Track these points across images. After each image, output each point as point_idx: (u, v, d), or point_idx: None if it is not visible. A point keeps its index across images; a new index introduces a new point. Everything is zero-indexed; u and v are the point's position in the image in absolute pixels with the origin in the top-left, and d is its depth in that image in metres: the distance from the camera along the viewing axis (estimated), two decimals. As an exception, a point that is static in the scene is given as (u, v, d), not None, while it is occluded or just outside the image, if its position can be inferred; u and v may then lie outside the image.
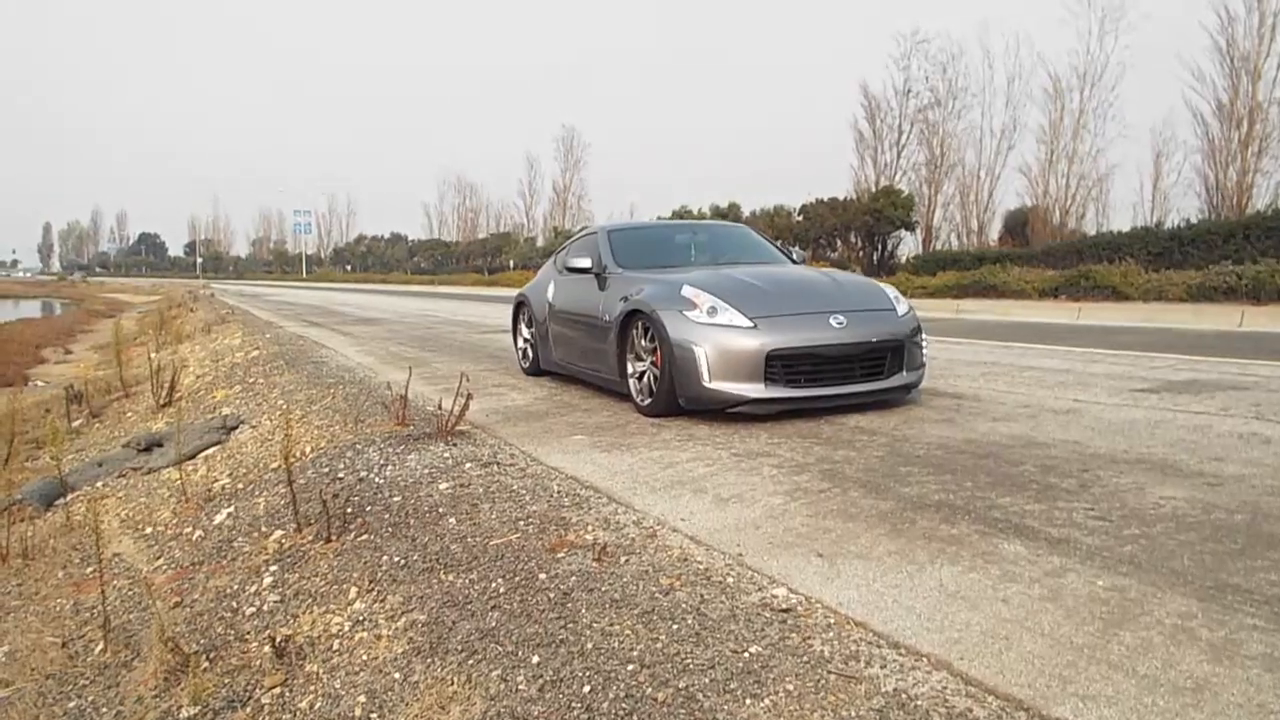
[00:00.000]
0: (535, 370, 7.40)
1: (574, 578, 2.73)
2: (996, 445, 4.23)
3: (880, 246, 34.21)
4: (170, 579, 3.81)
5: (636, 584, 2.63)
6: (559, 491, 3.71)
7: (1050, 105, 32.61)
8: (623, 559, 2.85)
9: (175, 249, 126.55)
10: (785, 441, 4.47)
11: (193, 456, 6.20)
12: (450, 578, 2.93)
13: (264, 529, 4.03)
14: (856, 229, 34.29)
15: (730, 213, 37.75)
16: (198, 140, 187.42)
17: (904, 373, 5.24)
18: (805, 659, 2.11)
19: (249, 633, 3.07)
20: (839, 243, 34.65)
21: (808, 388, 4.96)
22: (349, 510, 3.84)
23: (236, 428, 6.59)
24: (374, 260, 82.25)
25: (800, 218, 35.67)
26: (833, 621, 2.32)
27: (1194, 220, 25.10)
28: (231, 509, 4.50)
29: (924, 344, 5.46)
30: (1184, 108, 34.74)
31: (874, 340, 5.09)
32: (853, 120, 36.76)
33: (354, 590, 3.09)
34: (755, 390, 4.85)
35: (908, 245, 35.31)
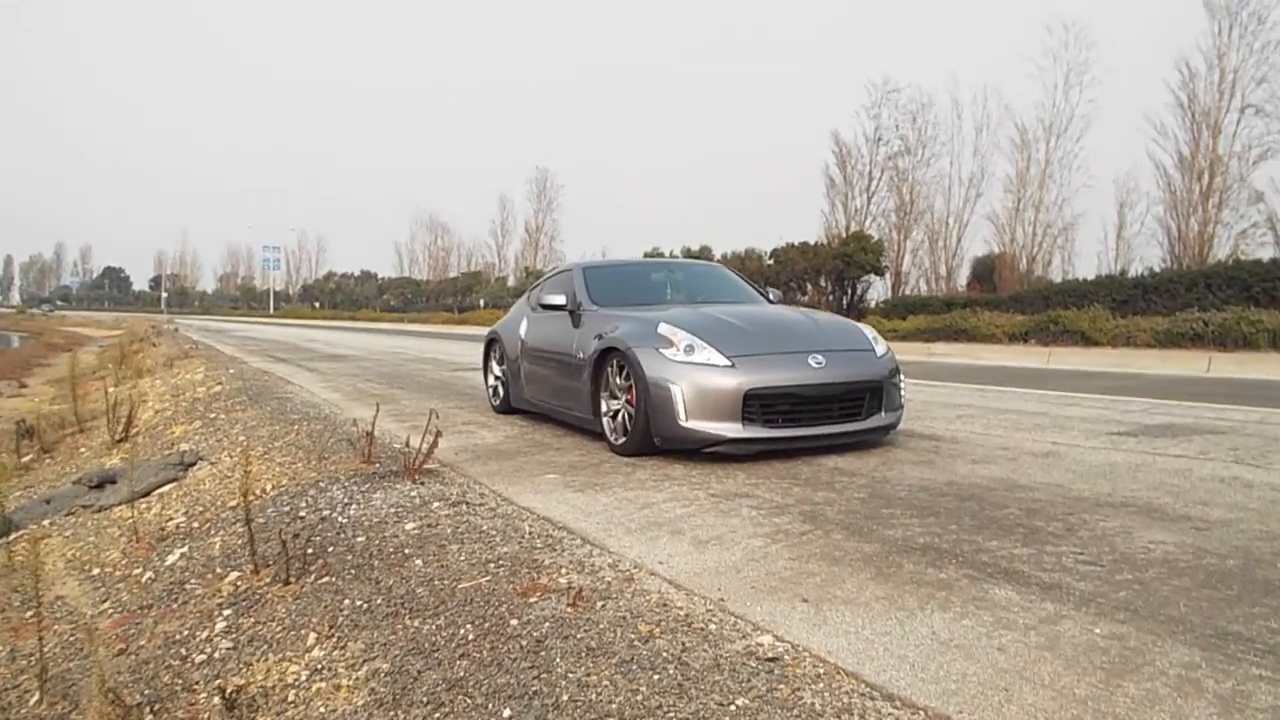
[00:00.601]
0: (506, 408, 7.26)
1: (548, 624, 2.58)
2: (979, 488, 4.15)
3: (850, 290, 34.54)
4: (115, 624, 3.60)
5: (614, 631, 2.49)
6: (531, 532, 3.57)
7: (1017, 155, 33.37)
8: (599, 604, 2.70)
9: (140, 283, 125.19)
10: (763, 482, 4.36)
11: (147, 494, 5.96)
12: (416, 623, 2.77)
13: (219, 570, 3.83)
14: (826, 273, 34.63)
15: (702, 255, 38.00)
16: (166, 175, 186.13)
17: (882, 413, 5.16)
18: (795, 713, 1.98)
19: (198, 682, 2.88)
20: (809, 286, 34.97)
21: (786, 428, 4.86)
22: (310, 551, 3.66)
23: (195, 464, 6.36)
24: (343, 297, 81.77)
25: (771, 261, 35.98)
26: (822, 672, 2.19)
27: (1157, 269, 25.68)
28: (185, 549, 4.29)
29: (902, 385, 5.40)
30: (1147, 160, 35.70)
31: (853, 381, 5.02)
32: (824, 166, 37.38)
33: (312, 636, 2.92)
34: (733, 430, 4.74)
35: (877, 290, 35.74)
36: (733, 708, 2.02)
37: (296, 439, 6.31)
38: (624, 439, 5.17)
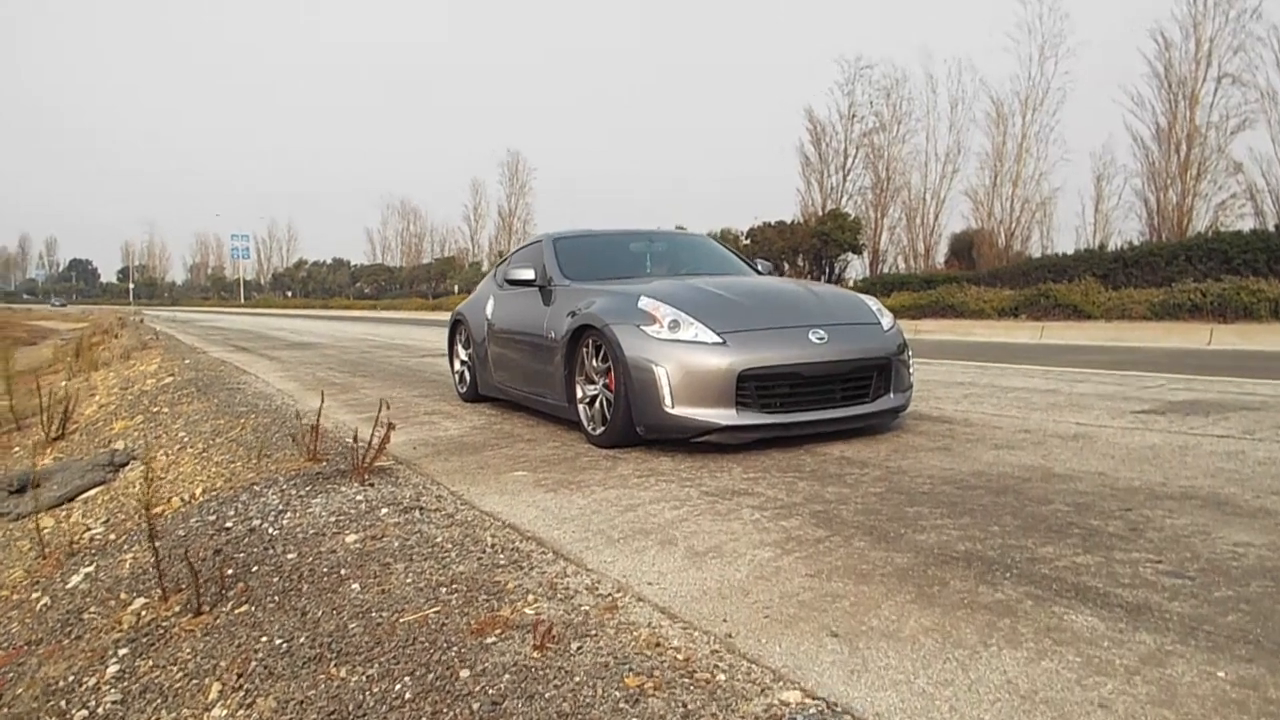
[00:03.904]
0: (473, 396, 6.65)
1: (507, 676, 2.00)
2: (1011, 478, 3.61)
3: (828, 270, 34.11)
4: (-6, 665, 3.00)
5: (593, 686, 1.92)
6: (493, 545, 2.99)
7: (993, 130, 32.99)
8: (573, 645, 2.13)
9: (108, 275, 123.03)
10: (764, 476, 3.80)
11: (71, 499, 5.33)
12: (343, 673, 2.19)
13: (124, 596, 3.23)
14: (804, 252, 34.18)
15: (678, 235, 37.24)
16: (133, 165, 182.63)
17: (891, 394, 4.61)
18: (848, 819, 1.42)
19: (68, 752, 2.29)
20: (787, 266, 34.44)
21: (785, 413, 4.30)
22: (230, 572, 3.06)
23: (126, 465, 5.73)
24: (315, 285, 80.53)
25: (748, 241, 35.46)
26: (874, 746, 1.63)
27: (1136, 242, 25.35)
28: (92, 568, 3.68)
29: (911, 362, 4.85)
30: (1123, 132, 35.37)
31: (859, 358, 4.46)
32: (799, 144, 36.81)
33: (216, 689, 2.33)
34: (725, 417, 4.17)
35: (855, 269, 35.33)
36: (760, 812, 1.46)
37: (240, 434, 5.68)
38: (602, 429, 4.59)
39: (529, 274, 5.56)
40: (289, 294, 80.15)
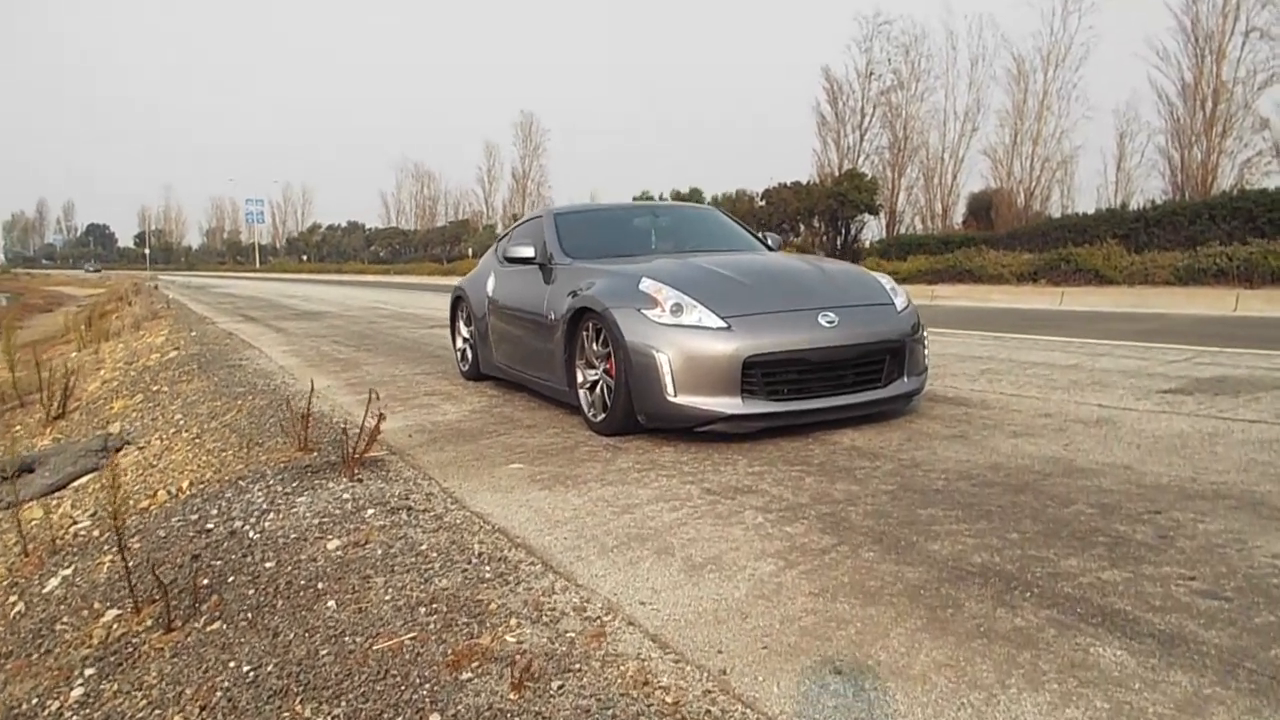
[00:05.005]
0: (475, 374, 6.49)
1: (480, 722, 1.84)
2: (1030, 473, 3.41)
3: (844, 231, 33.59)
4: (-41, 682, 2.87)
5: (571, 737, 1.75)
6: (480, 554, 2.82)
7: (1014, 87, 32.23)
8: (554, 684, 1.97)
9: (125, 240, 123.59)
10: (769, 470, 3.61)
11: (62, 487, 5.21)
12: (307, 712, 2.03)
13: (98, 605, 3.09)
14: (820, 213, 33.64)
15: (692, 197, 37.02)
16: (150, 129, 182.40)
17: (905, 379, 4.41)
18: None
19: (20, 792, 2.15)
20: (802, 227, 33.95)
21: (793, 400, 4.10)
22: (205, 582, 2.92)
23: (120, 449, 5.61)
24: (330, 249, 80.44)
25: (763, 202, 34.96)
26: (878, 821, 1.46)
27: (1158, 201, 24.75)
28: (70, 570, 3.54)
29: (926, 343, 4.63)
30: (1147, 88, 34.68)
31: (870, 341, 4.25)
32: (815, 103, 36.12)
33: (178, 722, 2.18)
34: (730, 405, 3.98)
35: (871, 229, 34.77)
36: None
37: (235, 419, 5.54)
38: (603, 416, 4.42)
39: (529, 251, 5.35)
40: (304, 258, 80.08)
